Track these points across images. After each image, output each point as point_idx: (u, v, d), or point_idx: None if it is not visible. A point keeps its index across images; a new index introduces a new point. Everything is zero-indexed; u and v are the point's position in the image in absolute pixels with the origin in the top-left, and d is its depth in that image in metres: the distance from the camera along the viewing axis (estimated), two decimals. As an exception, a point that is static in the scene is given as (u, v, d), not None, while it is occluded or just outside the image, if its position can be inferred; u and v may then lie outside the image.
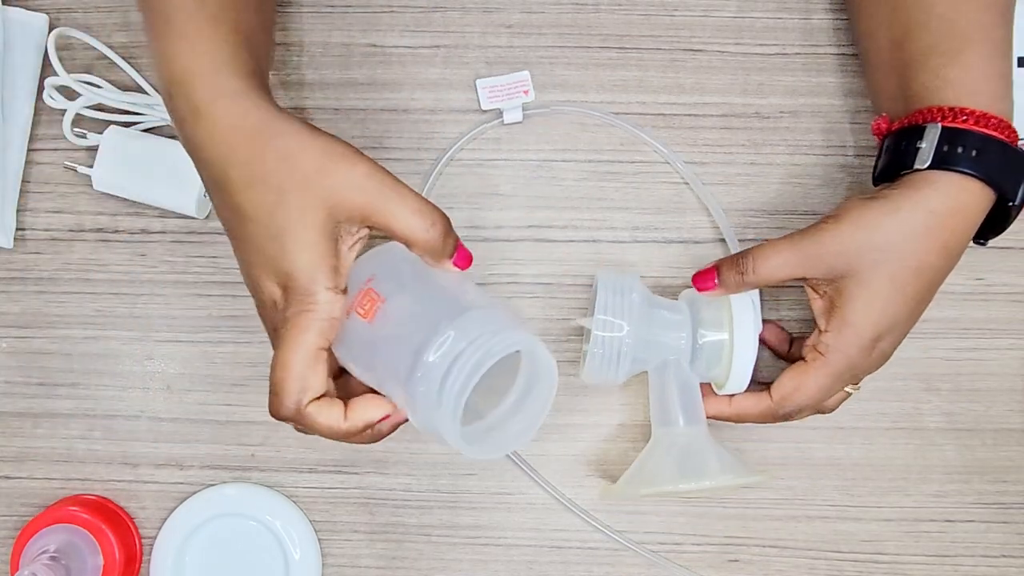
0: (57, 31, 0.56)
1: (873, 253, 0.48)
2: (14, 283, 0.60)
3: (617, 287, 0.53)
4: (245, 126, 0.43)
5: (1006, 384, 0.59)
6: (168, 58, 0.44)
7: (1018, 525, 0.59)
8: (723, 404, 0.55)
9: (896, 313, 0.49)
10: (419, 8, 0.59)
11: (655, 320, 0.53)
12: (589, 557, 0.59)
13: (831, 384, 0.51)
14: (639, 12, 0.59)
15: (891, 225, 0.48)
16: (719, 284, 0.52)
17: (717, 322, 0.53)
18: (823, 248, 0.49)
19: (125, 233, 0.59)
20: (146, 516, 0.60)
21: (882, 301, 0.49)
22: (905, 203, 0.48)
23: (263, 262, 0.44)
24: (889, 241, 0.48)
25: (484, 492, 0.59)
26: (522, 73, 0.58)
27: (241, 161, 0.43)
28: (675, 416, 0.54)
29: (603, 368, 0.53)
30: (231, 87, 0.44)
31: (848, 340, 0.49)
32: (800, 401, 0.51)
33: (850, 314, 0.49)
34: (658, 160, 0.59)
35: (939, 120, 0.48)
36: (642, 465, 0.54)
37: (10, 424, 0.60)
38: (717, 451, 0.53)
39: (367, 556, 0.59)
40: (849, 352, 0.50)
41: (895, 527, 0.59)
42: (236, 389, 0.59)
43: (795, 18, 0.59)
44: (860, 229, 0.48)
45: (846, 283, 0.49)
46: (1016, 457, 0.59)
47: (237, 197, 0.44)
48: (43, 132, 0.60)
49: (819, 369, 0.50)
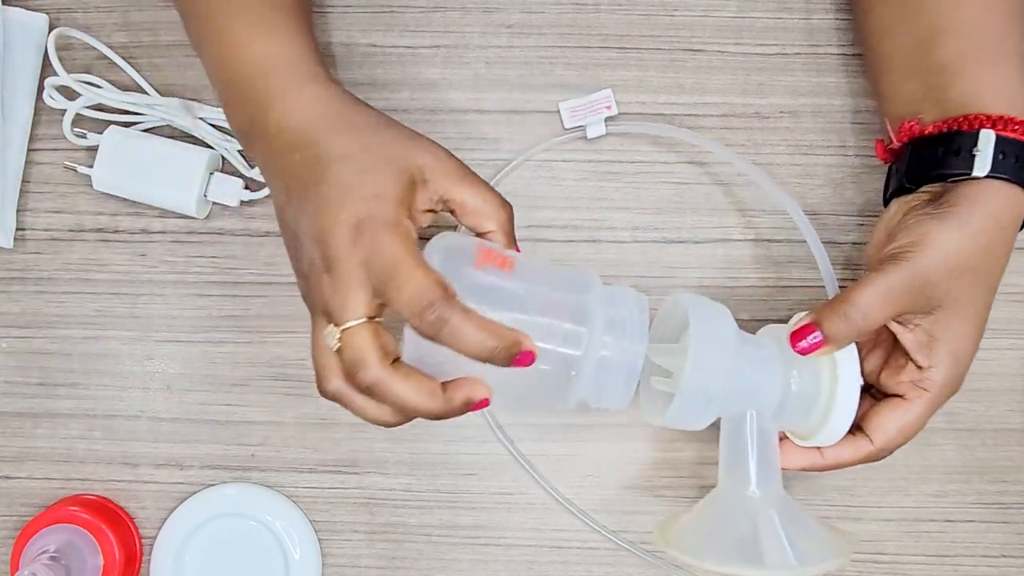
0: (57, 31, 0.56)
1: (962, 278, 0.47)
2: (14, 283, 0.60)
3: (712, 323, 0.48)
4: (333, 97, 0.46)
5: (1006, 384, 0.59)
6: (243, 45, 0.47)
7: (1018, 525, 0.59)
8: (813, 456, 0.51)
9: (981, 333, 0.49)
10: (419, 8, 0.59)
11: (746, 362, 0.48)
12: (589, 557, 0.59)
13: (931, 415, 0.49)
14: (639, 12, 0.59)
15: (969, 245, 0.47)
16: (827, 340, 0.47)
17: (814, 371, 0.49)
18: (917, 280, 0.47)
19: (125, 233, 0.59)
20: (146, 516, 0.60)
21: (974, 325, 0.48)
22: (975, 218, 0.47)
23: (346, 194, 0.43)
24: (971, 263, 0.47)
25: (484, 492, 0.59)
26: (604, 92, 0.58)
27: (335, 124, 0.45)
28: (748, 474, 0.49)
29: (688, 417, 0.48)
30: (323, 72, 0.47)
31: (954, 373, 0.48)
32: (902, 442, 0.49)
33: (957, 343, 0.48)
34: (658, 160, 0.59)
35: (989, 127, 0.47)
36: (705, 525, 0.50)
37: (10, 424, 0.60)
38: (792, 528, 0.48)
39: (367, 556, 0.60)
40: (954, 385, 0.49)
41: (895, 527, 0.59)
42: (236, 389, 0.59)
43: (795, 18, 0.59)
44: (945, 254, 0.47)
45: (944, 313, 0.47)
46: (1016, 457, 0.59)
47: (324, 148, 0.45)
48: (43, 132, 0.60)
49: (924, 406, 0.49)
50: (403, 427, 0.59)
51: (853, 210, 0.58)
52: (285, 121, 0.46)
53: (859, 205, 0.58)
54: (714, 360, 0.47)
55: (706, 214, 0.59)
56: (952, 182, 0.48)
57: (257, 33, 0.48)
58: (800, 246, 0.58)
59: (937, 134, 0.49)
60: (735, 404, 0.49)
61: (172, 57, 0.59)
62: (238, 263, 0.59)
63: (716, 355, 0.47)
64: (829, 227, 0.58)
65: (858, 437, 0.50)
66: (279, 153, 0.46)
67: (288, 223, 0.46)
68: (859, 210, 0.58)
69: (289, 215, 0.46)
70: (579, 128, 0.58)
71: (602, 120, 0.58)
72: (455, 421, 0.59)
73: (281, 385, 0.59)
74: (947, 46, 0.49)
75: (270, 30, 0.48)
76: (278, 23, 0.48)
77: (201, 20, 0.50)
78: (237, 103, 0.48)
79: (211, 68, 0.50)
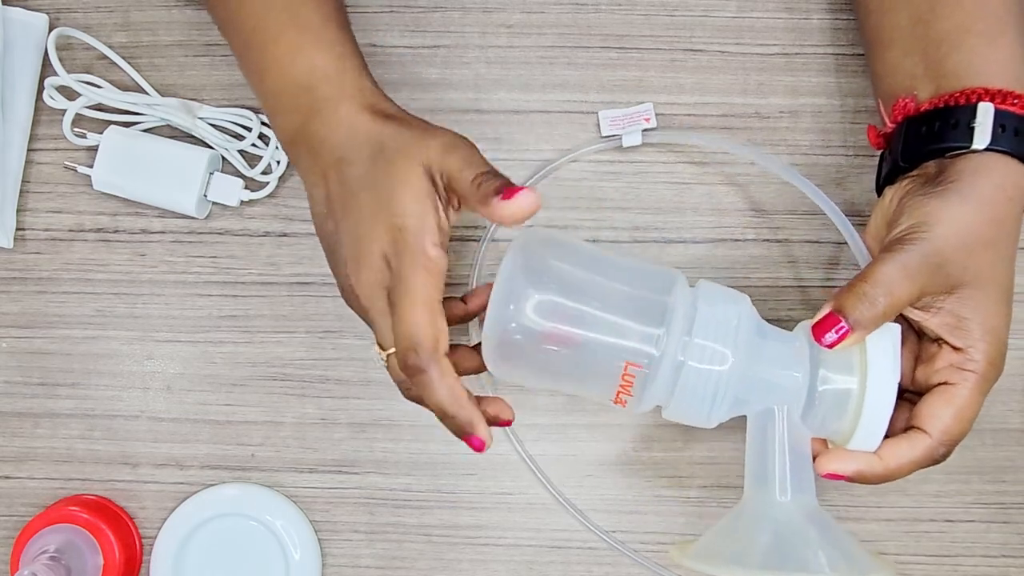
0: (57, 31, 0.56)
1: (977, 252, 0.45)
2: (14, 283, 0.60)
3: (721, 305, 0.45)
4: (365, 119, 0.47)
5: (1006, 384, 0.59)
6: (292, 57, 0.48)
7: (1018, 525, 0.59)
8: (867, 458, 0.46)
9: (1010, 306, 0.47)
10: (419, 8, 0.59)
11: (765, 353, 0.45)
12: (589, 557, 0.59)
13: (983, 400, 0.47)
14: (639, 12, 0.59)
15: (977, 217, 0.45)
16: (853, 327, 0.44)
17: (845, 364, 0.45)
18: (932, 258, 0.45)
19: (125, 233, 0.59)
20: (146, 516, 0.60)
21: (1000, 299, 0.46)
22: (978, 190, 0.45)
23: (375, 223, 0.45)
24: (984, 235, 0.45)
25: (484, 492, 0.59)
26: (645, 105, 0.58)
27: (362, 137, 0.47)
28: (775, 480, 0.44)
29: (693, 407, 0.45)
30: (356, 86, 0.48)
31: (995, 348, 0.46)
32: (960, 431, 0.46)
33: (988, 320, 0.46)
34: (658, 160, 0.59)
35: (988, 100, 0.46)
36: (727, 535, 0.46)
37: (10, 424, 0.60)
38: (824, 535, 0.43)
39: (367, 556, 0.60)
40: (997, 361, 0.46)
41: (895, 527, 0.59)
42: (236, 389, 0.59)
43: (795, 18, 0.59)
44: (955, 229, 0.45)
45: (966, 291, 0.46)
46: (1016, 457, 0.59)
47: (359, 170, 0.46)
48: (43, 132, 0.60)
49: (973, 388, 0.46)
50: (403, 427, 0.59)
51: (854, 210, 0.58)
52: (327, 138, 0.47)
53: (860, 205, 0.58)
54: (716, 346, 0.44)
55: (706, 214, 0.59)
56: (949, 158, 0.47)
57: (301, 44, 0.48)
58: (800, 246, 0.58)
59: (933, 110, 0.48)
60: (754, 399, 0.46)
61: (172, 57, 0.59)
62: (238, 263, 0.59)
63: (720, 340, 0.44)
64: (830, 227, 0.58)
65: (911, 433, 0.47)
66: (325, 166, 0.47)
67: (327, 235, 0.48)
68: (860, 210, 0.58)
69: (329, 228, 0.47)
70: (616, 136, 0.58)
71: (639, 131, 0.58)
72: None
73: (281, 385, 0.59)
74: (946, 19, 0.48)
75: (313, 42, 0.49)
76: (320, 36, 0.49)
77: (244, 32, 0.50)
78: (283, 113, 0.49)
79: (255, 77, 0.51)
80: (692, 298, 0.46)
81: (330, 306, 0.59)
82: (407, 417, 0.59)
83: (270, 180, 0.58)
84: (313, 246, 0.58)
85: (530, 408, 0.59)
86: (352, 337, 0.59)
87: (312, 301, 0.59)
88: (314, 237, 0.49)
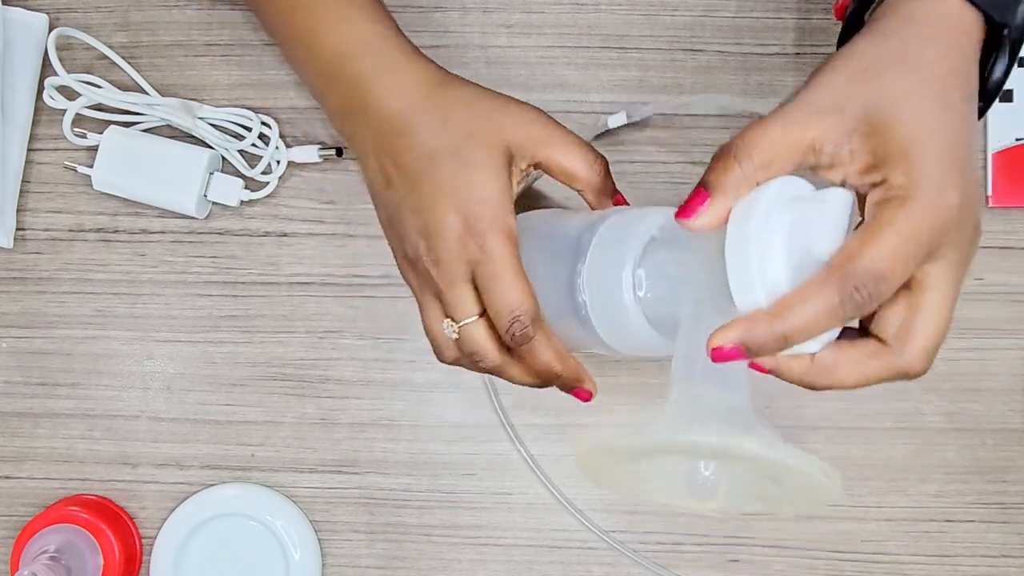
0: (57, 31, 0.56)
1: (897, 64, 0.38)
2: (14, 283, 0.60)
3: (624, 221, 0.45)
4: (432, 79, 0.48)
5: (1006, 384, 0.59)
6: (342, 26, 0.48)
7: (1018, 525, 0.59)
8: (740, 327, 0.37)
9: (955, 130, 0.38)
10: (419, 8, 0.59)
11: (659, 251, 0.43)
12: (589, 557, 0.59)
13: (919, 242, 0.37)
14: (639, 12, 0.59)
15: (904, 31, 0.39)
16: (714, 192, 0.38)
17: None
18: (832, 91, 0.38)
19: (125, 233, 0.59)
20: (146, 516, 0.60)
21: (932, 112, 0.38)
22: (907, 15, 0.40)
23: (452, 194, 0.45)
24: (908, 48, 0.39)
25: (484, 492, 0.59)
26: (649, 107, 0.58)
27: (432, 107, 0.47)
28: (698, 372, 0.39)
29: (616, 328, 0.44)
30: (412, 48, 0.49)
31: (924, 169, 0.37)
32: (875, 266, 0.36)
33: (909, 133, 0.37)
34: (658, 160, 0.59)
35: None
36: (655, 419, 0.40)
37: (10, 424, 0.60)
38: (749, 425, 0.38)
39: (367, 556, 0.60)
40: (934, 178, 0.37)
41: (895, 527, 0.59)
42: (236, 389, 0.59)
43: (795, 18, 0.59)
44: (869, 47, 0.39)
45: (882, 114, 0.37)
46: (1016, 457, 0.59)
47: (426, 137, 0.46)
48: (43, 132, 0.60)
49: (904, 219, 0.36)
50: (403, 427, 0.59)
51: (853, 210, 0.58)
52: (384, 107, 0.47)
53: (859, 205, 0.58)
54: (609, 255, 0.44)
55: (706, 214, 0.59)
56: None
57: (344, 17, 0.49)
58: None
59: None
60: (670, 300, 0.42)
61: (172, 57, 0.59)
62: (238, 263, 0.59)
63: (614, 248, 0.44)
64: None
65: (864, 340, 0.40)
66: (382, 137, 0.47)
67: (388, 207, 0.47)
68: (859, 210, 0.58)
69: (390, 200, 0.47)
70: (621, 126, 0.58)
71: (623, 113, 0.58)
72: (455, 421, 0.59)
73: (281, 385, 0.59)
74: None
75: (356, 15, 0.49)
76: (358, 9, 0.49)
77: (284, 14, 0.50)
78: (334, 88, 0.49)
79: (301, 59, 0.51)
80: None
81: (330, 306, 0.59)
82: (407, 417, 0.59)
83: (270, 180, 0.58)
84: (313, 246, 0.59)
85: (530, 408, 0.59)
86: (352, 337, 0.59)
87: (312, 301, 0.59)
88: (314, 237, 0.49)
